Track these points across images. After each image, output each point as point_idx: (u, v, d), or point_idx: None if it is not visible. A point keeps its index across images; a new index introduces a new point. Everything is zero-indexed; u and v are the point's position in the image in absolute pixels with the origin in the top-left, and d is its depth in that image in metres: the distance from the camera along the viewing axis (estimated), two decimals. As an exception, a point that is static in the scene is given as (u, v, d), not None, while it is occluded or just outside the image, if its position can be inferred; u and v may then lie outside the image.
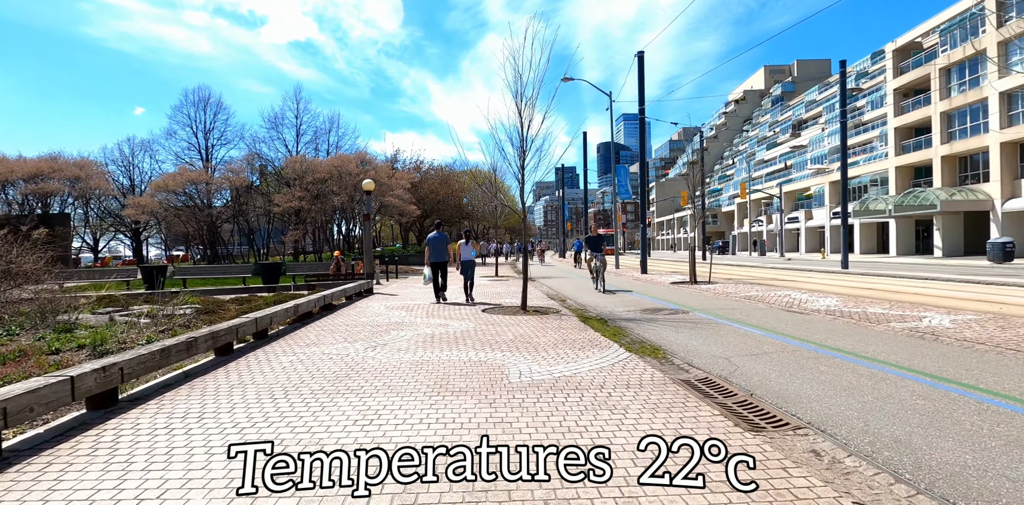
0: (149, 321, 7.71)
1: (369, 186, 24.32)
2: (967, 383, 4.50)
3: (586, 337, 6.88)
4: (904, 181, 37.34)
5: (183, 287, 18.05)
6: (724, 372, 5.08)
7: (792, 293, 12.10)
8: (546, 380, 4.67)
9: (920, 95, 35.86)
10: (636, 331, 7.55)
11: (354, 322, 8.42)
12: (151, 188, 27.71)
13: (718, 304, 10.52)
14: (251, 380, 4.78)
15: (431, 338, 6.89)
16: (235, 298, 11.68)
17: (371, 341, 6.69)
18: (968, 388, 4.36)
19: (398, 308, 10.34)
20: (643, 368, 5.14)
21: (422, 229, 41.95)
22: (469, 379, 4.73)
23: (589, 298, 12.44)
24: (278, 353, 5.99)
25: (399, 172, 32.67)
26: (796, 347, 6.10)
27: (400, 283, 18.29)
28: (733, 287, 14.10)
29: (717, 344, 6.42)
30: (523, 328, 7.66)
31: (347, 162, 27.49)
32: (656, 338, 6.98)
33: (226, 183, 26.44)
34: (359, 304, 11.15)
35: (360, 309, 10.24)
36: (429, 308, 10.28)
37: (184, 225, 30.39)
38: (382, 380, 4.72)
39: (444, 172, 40.21)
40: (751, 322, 8.08)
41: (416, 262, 32.50)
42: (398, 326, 7.95)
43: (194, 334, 5.15)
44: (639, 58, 21.36)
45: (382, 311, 9.86)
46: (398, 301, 11.71)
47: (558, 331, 7.37)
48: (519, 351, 5.97)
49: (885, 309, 9.08)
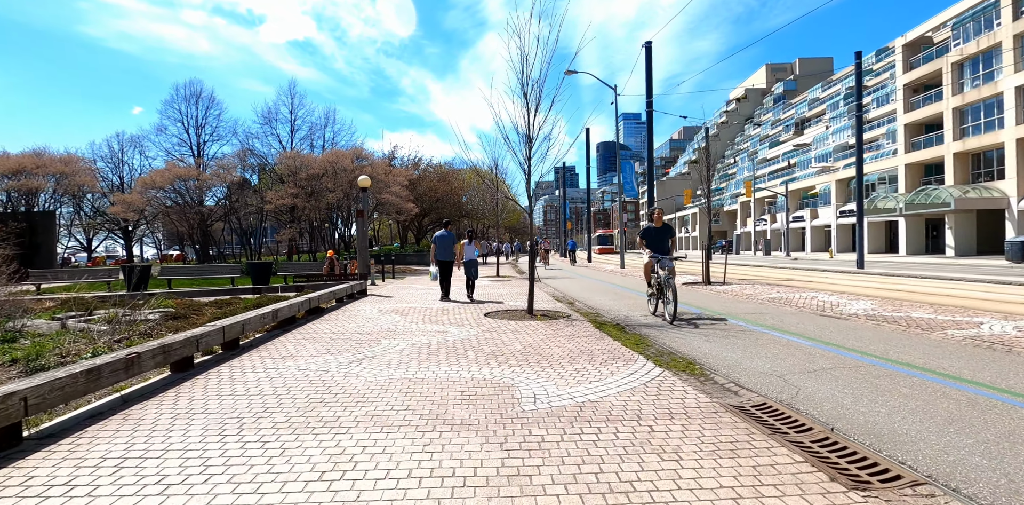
0: (107, 328, 6.80)
1: (365, 182, 23.46)
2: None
3: (605, 347, 5.98)
4: (914, 179, 36.47)
5: (168, 288, 17.14)
6: (783, 395, 4.18)
7: (818, 295, 11.20)
8: (567, 407, 3.77)
9: (931, 91, 34.99)
10: (660, 340, 6.65)
11: (341, 329, 7.50)
12: (137, 184, 26.66)
13: (743, 308, 9.61)
14: (203, 407, 3.86)
15: (427, 348, 5.99)
16: (215, 301, 10.77)
17: (358, 353, 5.79)
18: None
19: (392, 312, 9.43)
20: (683, 390, 4.23)
21: (420, 228, 41.01)
22: (472, 406, 3.83)
23: (601, 301, 11.54)
24: (246, 369, 5.08)
25: (396, 169, 31.69)
26: (857, 361, 5.20)
27: (397, 284, 17.39)
28: (751, 288, 13.20)
29: (761, 357, 5.52)
30: (532, 336, 6.76)
31: (342, 158, 26.44)
32: (686, 349, 6.08)
33: (217, 180, 25.39)
34: (350, 307, 10.24)
35: (350, 313, 9.33)
36: (426, 312, 9.37)
37: (175, 224, 29.42)
38: (364, 407, 3.81)
39: (443, 170, 39.28)
40: (789, 329, 7.18)
41: (415, 262, 31.60)
42: (390, 334, 7.04)
43: (137, 349, 4.23)
44: (647, 49, 20.47)
45: (374, 315, 8.95)
46: (392, 304, 10.81)
47: (572, 339, 6.47)
48: (530, 366, 5.07)
49: (930, 314, 8.18)
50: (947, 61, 32.60)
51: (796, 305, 9.77)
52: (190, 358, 5.05)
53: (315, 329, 7.49)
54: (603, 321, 8.18)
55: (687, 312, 9.09)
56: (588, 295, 12.72)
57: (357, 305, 10.65)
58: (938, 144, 33.73)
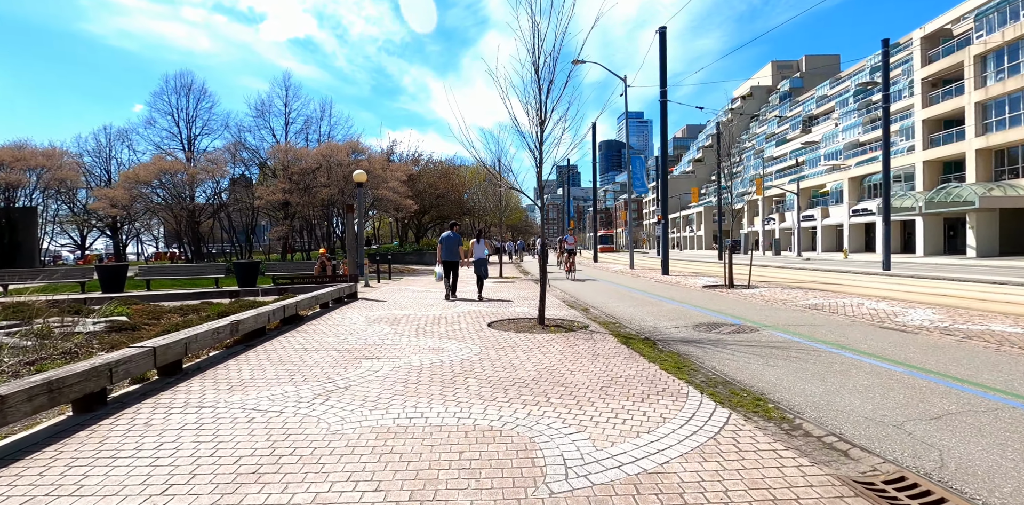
0: (31, 343, 5.57)
1: (360, 177, 22.17)
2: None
3: (641, 372, 4.74)
4: (932, 176, 35.17)
5: (146, 289, 15.94)
6: (923, 463, 2.93)
7: (864, 302, 9.94)
8: (617, 486, 2.53)
9: (952, 85, 33.65)
10: (706, 361, 5.41)
11: (317, 344, 6.27)
12: (120, 178, 25.33)
13: (784, 317, 8.36)
14: (72, 485, 2.62)
15: (417, 374, 4.75)
16: (182, 307, 9.53)
17: (328, 380, 4.55)
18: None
19: (382, 321, 8.19)
20: (770, 448, 2.99)
21: (420, 226, 39.74)
22: (475, 482, 2.58)
23: (618, 307, 10.29)
24: (174, 408, 3.84)
25: (395, 164, 30.33)
26: (987, 401, 3.93)
27: (392, 286, 16.15)
28: (781, 292, 11.95)
29: (851, 392, 4.26)
30: (547, 355, 5.52)
31: (337, 151, 25.02)
32: (745, 375, 4.84)
33: (205, 175, 24.05)
34: (335, 314, 9.00)
35: (333, 322, 8.09)
36: (421, 321, 8.13)
37: (163, 221, 28.24)
38: (313, 486, 2.57)
39: (444, 166, 37.96)
40: (858, 347, 5.93)
41: (414, 261, 30.36)
42: (375, 351, 5.80)
43: (3, 389, 3.00)
44: (661, 35, 19.18)
45: (360, 325, 7.71)
46: (384, 310, 9.57)
47: (597, 360, 5.24)
48: (551, 403, 3.83)
49: (1012, 326, 6.93)
50: (969, 53, 31.26)
51: (844, 314, 8.52)
52: (101, 393, 3.82)
53: (285, 345, 6.25)
54: (628, 334, 6.94)
55: (723, 322, 7.84)
56: (603, 300, 11.47)
57: (344, 311, 9.41)
58: (959, 140, 32.42)
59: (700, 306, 9.90)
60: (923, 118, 35.33)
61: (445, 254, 11.26)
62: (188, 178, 23.34)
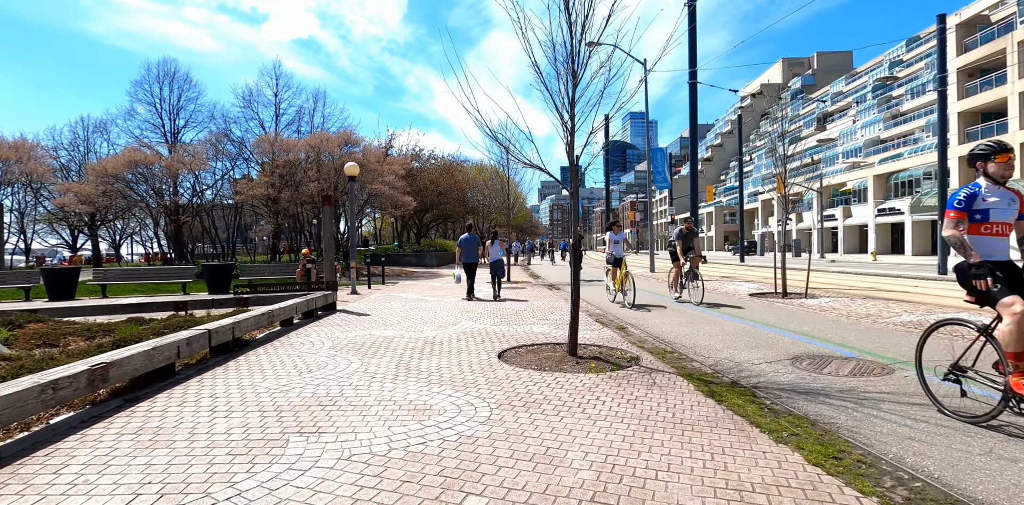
0: None
1: (352, 170, 20.04)
2: None
3: (774, 471, 2.58)
4: (969, 172, 32.78)
5: (101, 296, 13.86)
6: None
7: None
8: None
9: (992, 74, 31.36)
10: (870, 438, 3.24)
11: (240, 398, 4.11)
12: (88, 172, 23.14)
13: (897, 343, 6.17)
14: None
15: (375, 479, 2.59)
16: (103, 326, 7.35)
17: (208, 496, 2.39)
18: None
19: (353, 348, 6.03)
20: None
21: (421, 225, 37.57)
22: None
23: (663, 324, 8.10)
24: None
25: (393, 158, 28.06)
26: None
27: (384, 293, 14.01)
28: (852, 303, 9.75)
29: None
30: (598, 423, 3.36)
31: (327, 142, 22.74)
32: (973, 483, 2.66)
33: (181, 167, 21.70)
34: (294, 336, 6.85)
35: (285, 351, 5.94)
36: (406, 348, 5.97)
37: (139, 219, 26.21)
38: None
39: (446, 162, 35.75)
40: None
41: (413, 263, 28.21)
42: (320, 414, 3.65)
43: None
44: (690, 10, 17.02)
45: (320, 357, 5.56)
46: (362, 329, 7.42)
47: (681, 436, 3.09)
48: None
49: None
50: (1012, 40, 29.01)
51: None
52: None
53: (188, 398, 4.10)
54: (703, 374, 4.76)
55: (828, 353, 5.65)
56: (639, 314, 9.28)
57: (309, 331, 7.26)
58: (1000, 133, 30.14)
59: (771, 324, 7.71)
60: (959, 110, 33.05)
61: (465, 256, 11.60)
62: (164, 171, 21.14)
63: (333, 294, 9.49)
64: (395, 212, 27.66)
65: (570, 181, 5.54)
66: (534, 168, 5.76)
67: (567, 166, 5.54)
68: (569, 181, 5.56)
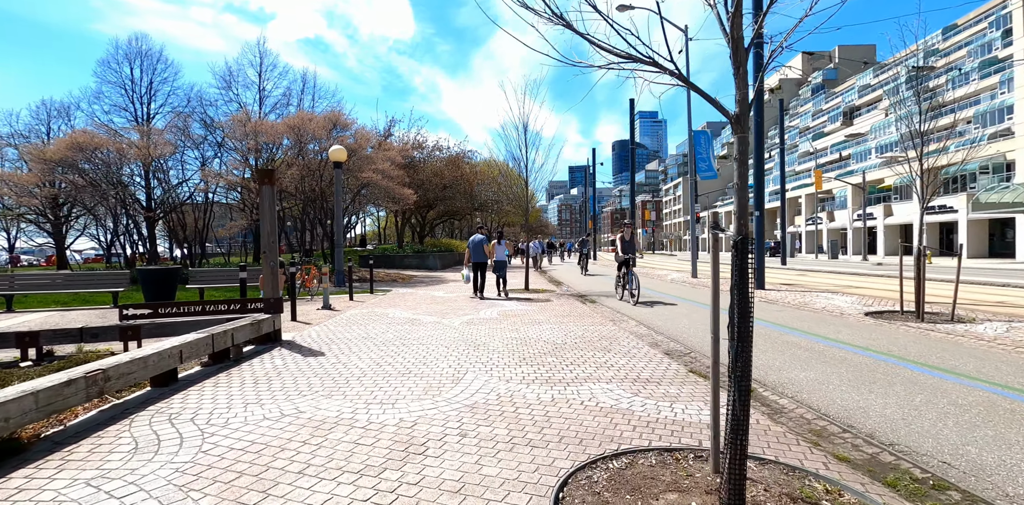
0: None
1: (339, 155, 16.89)
2: None
3: None
4: (1038, 165, 29.27)
5: (5, 310, 10.80)
6: None
7: None
8: None
9: (1068, 53, 27.77)
10: None
11: None
12: (28, 159, 19.98)
13: None
14: None
15: None
16: None
17: None
18: None
19: (217, 481, 2.83)
20: None
21: (424, 223, 34.36)
22: None
23: (805, 378, 4.85)
24: None
25: (390, 143, 24.71)
26: None
27: (367, 307, 10.81)
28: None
29: None
30: None
31: (310, 122, 19.41)
32: None
33: (135, 151, 18.27)
34: (166, 408, 3.67)
35: (115, 456, 2.74)
36: (342, 472, 2.75)
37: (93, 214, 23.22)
38: None
39: (452, 155, 32.48)
40: None
41: (414, 265, 25.07)
42: None
43: None
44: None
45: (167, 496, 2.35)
46: (282, 401, 4.22)
47: None
48: None
49: None
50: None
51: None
52: None
53: None
54: None
55: None
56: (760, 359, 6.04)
57: (185, 404, 4.07)
58: (1079, 120, 26.55)
59: (978, 379, 4.44)
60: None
61: (474, 256, 12.25)
62: (118, 158, 17.98)
63: (273, 319, 6.29)
64: (393, 206, 24.46)
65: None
66: (639, 62, 2.46)
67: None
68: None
